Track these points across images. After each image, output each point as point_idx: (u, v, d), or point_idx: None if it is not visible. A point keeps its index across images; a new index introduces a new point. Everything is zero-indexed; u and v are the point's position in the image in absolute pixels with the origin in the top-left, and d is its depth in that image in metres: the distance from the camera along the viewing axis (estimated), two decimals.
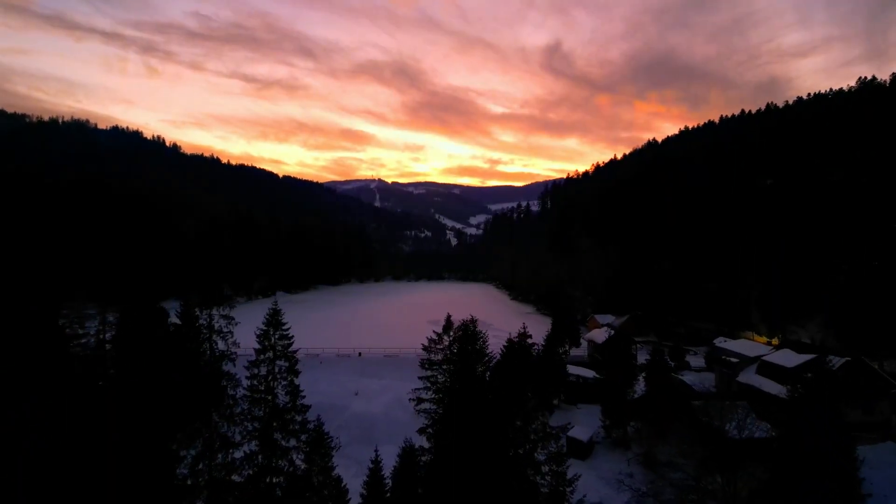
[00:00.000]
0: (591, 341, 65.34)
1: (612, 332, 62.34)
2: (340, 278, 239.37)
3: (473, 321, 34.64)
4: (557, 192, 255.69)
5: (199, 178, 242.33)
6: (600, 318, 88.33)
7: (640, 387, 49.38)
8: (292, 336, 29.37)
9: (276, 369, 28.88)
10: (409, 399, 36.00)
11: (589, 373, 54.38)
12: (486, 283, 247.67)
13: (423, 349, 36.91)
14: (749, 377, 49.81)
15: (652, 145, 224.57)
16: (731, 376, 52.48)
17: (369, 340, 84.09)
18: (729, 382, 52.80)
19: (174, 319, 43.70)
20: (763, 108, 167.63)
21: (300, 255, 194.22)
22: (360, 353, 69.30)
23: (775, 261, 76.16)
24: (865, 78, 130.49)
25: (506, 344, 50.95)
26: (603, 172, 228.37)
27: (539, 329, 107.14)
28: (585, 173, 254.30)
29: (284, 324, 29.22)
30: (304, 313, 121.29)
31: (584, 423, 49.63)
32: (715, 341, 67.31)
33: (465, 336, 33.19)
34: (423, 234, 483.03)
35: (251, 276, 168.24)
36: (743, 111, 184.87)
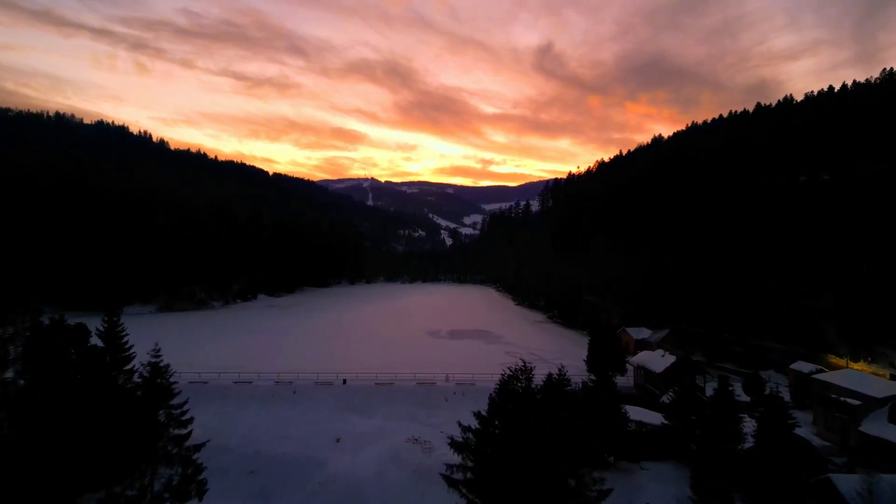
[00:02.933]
0: (641, 368, 51.32)
1: (674, 356, 48.28)
2: (329, 279, 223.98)
3: (526, 371, 20.17)
4: (559, 190, 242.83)
5: (184, 175, 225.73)
6: (633, 333, 74.56)
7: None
8: (191, 418, 14.91)
9: (162, 486, 14.38)
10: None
11: (653, 416, 40.28)
12: (485, 285, 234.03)
13: (449, 443, 21.46)
14: (881, 428, 36.00)
15: (657, 141, 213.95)
16: (849, 423, 38.67)
17: (357, 360, 69.43)
18: (845, 432, 38.99)
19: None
20: (773, 103, 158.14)
21: (285, 253, 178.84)
22: (344, 381, 54.70)
23: (852, 267, 62.74)
24: (891, 69, 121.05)
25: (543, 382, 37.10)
26: (610, 169, 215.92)
27: (557, 343, 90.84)
28: (588, 171, 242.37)
29: (174, 396, 14.69)
30: (283, 324, 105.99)
31: (657, 494, 35.62)
32: (795, 367, 53.71)
33: (516, 414, 18.62)
34: (416, 234, 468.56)
35: (229, 277, 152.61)
36: (759, 104, 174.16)
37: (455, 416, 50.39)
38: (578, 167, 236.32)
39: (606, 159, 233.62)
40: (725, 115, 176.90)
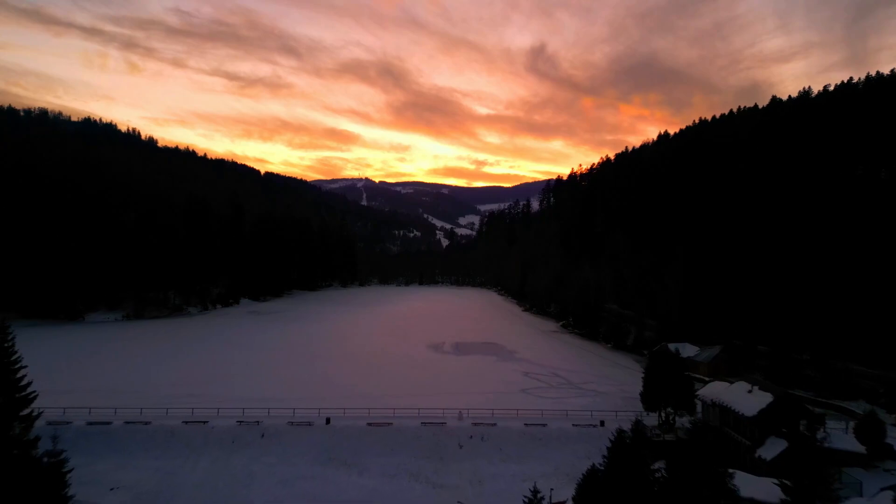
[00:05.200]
0: (717, 405, 39.35)
1: (769, 392, 36.27)
2: (320, 282, 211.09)
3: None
4: (562, 188, 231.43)
5: (172, 173, 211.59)
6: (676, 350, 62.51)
7: None
8: None
9: None
10: None
11: (764, 487, 28.26)
12: (486, 288, 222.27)
13: None
14: None
15: (664, 138, 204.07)
16: None
17: (345, 386, 57.03)
18: None
19: None
20: (785, 98, 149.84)
21: (272, 254, 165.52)
22: (328, 420, 42.36)
23: None
24: None
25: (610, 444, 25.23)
26: (619, 166, 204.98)
27: (583, 361, 74.28)
28: (592, 168, 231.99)
29: None
30: (261, 337, 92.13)
31: None
32: None
33: None
34: (411, 234, 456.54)
35: (209, 280, 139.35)
36: (775, 98, 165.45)
37: (474, 472, 37.25)
38: (581, 165, 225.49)
39: (610, 157, 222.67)
40: (719, 115, 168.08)
